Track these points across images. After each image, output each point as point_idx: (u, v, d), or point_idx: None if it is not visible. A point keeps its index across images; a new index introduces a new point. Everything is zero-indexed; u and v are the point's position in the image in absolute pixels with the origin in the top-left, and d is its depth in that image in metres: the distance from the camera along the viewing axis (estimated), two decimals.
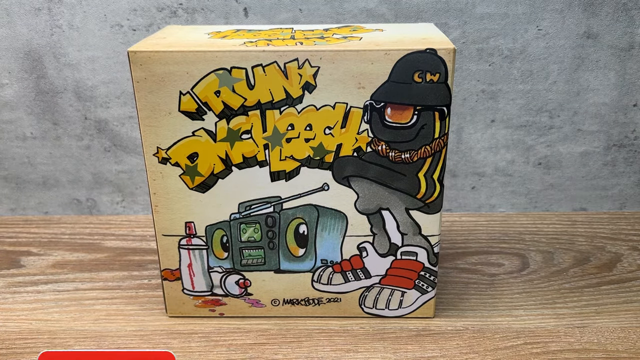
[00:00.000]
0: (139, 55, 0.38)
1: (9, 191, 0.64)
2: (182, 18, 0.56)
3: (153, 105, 0.40)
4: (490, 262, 0.55)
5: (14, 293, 0.51)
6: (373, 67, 0.38)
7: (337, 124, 0.40)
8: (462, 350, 0.43)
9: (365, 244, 0.44)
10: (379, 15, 0.56)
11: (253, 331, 0.46)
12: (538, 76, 0.58)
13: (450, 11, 0.55)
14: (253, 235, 0.44)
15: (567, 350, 0.43)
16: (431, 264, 0.45)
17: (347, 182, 0.42)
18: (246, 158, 0.41)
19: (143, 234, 0.60)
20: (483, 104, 0.59)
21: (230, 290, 0.46)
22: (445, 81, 0.38)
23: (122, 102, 0.59)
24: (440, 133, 0.40)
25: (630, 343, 0.44)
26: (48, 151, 0.62)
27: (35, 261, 0.56)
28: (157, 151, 0.41)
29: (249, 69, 0.39)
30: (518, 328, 0.46)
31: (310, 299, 0.47)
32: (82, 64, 0.58)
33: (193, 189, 0.43)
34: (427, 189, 0.42)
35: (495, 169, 0.62)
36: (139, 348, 0.43)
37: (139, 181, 0.63)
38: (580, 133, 0.60)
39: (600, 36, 0.56)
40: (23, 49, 0.57)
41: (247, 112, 0.40)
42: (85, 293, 0.51)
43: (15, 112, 0.60)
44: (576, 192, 0.63)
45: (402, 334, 0.45)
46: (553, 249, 0.57)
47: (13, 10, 0.56)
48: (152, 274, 0.53)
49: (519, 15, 0.55)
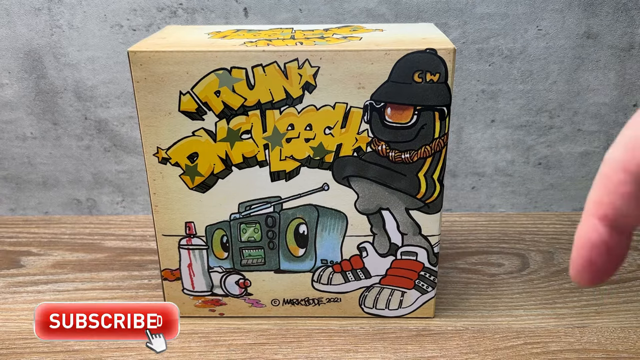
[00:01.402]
0: (139, 55, 0.38)
1: (9, 191, 0.64)
2: (182, 18, 0.56)
3: (153, 105, 0.40)
4: (490, 262, 0.55)
5: (14, 293, 0.51)
6: (373, 67, 0.38)
7: (337, 124, 0.40)
8: (462, 350, 0.43)
9: (365, 244, 0.44)
10: (379, 15, 0.56)
11: (253, 331, 0.46)
12: (538, 76, 0.58)
13: (450, 11, 0.55)
14: (253, 235, 0.44)
15: (567, 350, 0.43)
16: (431, 264, 0.45)
17: (347, 182, 0.42)
18: (246, 158, 0.41)
19: (143, 234, 0.60)
20: (483, 104, 0.59)
21: (230, 290, 0.46)
22: (445, 81, 0.38)
23: (122, 102, 0.59)
24: (440, 133, 0.40)
25: (630, 343, 0.44)
26: (48, 151, 0.62)
27: (35, 261, 0.56)
28: (157, 151, 0.41)
29: (249, 69, 0.39)
30: (518, 328, 0.46)
31: (310, 299, 0.47)
32: (82, 64, 0.58)
33: (193, 189, 0.43)
34: (427, 189, 0.42)
35: (495, 169, 0.62)
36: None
37: (139, 181, 0.63)
38: (580, 133, 0.60)
39: (600, 36, 0.56)
40: (23, 49, 0.57)
41: (247, 112, 0.40)
42: (85, 293, 0.51)
43: (15, 112, 0.60)
44: (576, 192, 0.63)
45: (402, 334, 0.45)
46: (553, 249, 0.57)
47: (13, 10, 0.56)
48: (152, 274, 0.53)
49: (519, 15, 0.55)
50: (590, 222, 0.19)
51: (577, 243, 0.20)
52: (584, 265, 0.19)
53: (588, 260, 0.19)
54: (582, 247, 0.19)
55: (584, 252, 0.19)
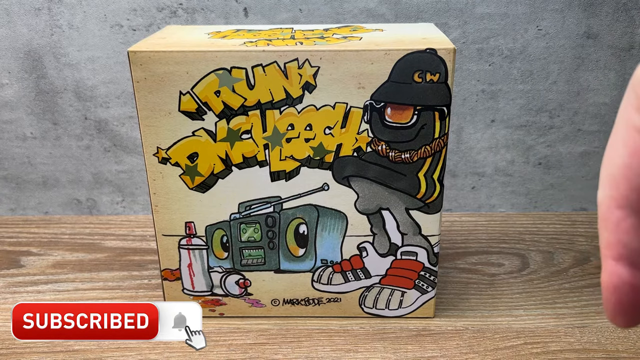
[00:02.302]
0: (139, 55, 0.38)
1: (9, 191, 0.64)
2: (182, 18, 0.56)
3: (153, 105, 0.40)
4: (490, 262, 0.55)
5: (14, 293, 0.51)
6: (373, 67, 0.38)
7: (337, 124, 0.40)
8: (462, 350, 0.43)
9: (365, 244, 0.44)
10: (379, 15, 0.56)
11: (253, 331, 0.46)
12: (538, 76, 0.58)
13: (450, 11, 0.55)
14: (253, 235, 0.44)
15: (567, 350, 0.43)
16: (431, 264, 0.45)
17: (347, 182, 0.42)
18: (246, 158, 0.41)
19: (143, 234, 0.60)
20: (483, 104, 0.59)
21: (230, 290, 0.46)
22: (445, 81, 0.38)
23: (122, 102, 0.59)
24: (440, 133, 0.40)
25: (630, 343, 0.44)
26: (48, 151, 0.62)
27: (35, 261, 0.56)
28: (157, 151, 0.41)
29: (249, 69, 0.39)
30: (518, 328, 0.46)
31: (310, 299, 0.47)
32: (82, 64, 0.58)
33: (193, 189, 0.43)
34: (427, 189, 0.42)
35: (495, 169, 0.62)
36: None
37: (139, 181, 0.63)
38: (580, 133, 0.60)
39: (600, 36, 0.56)
40: (23, 49, 0.57)
41: (247, 112, 0.40)
42: (85, 293, 0.51)
43: (15, 112, 0.60)
44: (576, 192, 0.63)
45: (402, 334, 0.45)
46: (553, 249, 0.57)
47: (13, 10, 0.56)
48: (152, 274, 0.53)
49: (519, 15, 0.55)
50: (609, 265, 0.19)
51: (603, 288, 0.19)
52: (615, 309, 0.19)
53: (618, 304, 0.19)
54: (607, 291, 0.19)
55: (611, 296, 0.19)
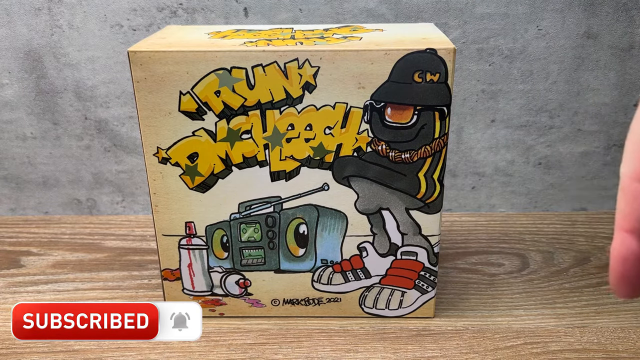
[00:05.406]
0: (139, 55, 0.38)
1: (9, 191, 0.64)
2: (182, 18, 0.56)
3: (153, 105, 0.40)
4: (490, 262, 0.55)
5: (14, 293, 0.51)
6: (373, 67, 0.38)
7: (337, 124, 0.40)
8: (462, 350, 0.43)
9: (365, 244, 0.44)
10: (379, 15, 0.56)
11: (253, 331, 0.46)
12: (538, 76, 0.58)
13: (450, 11, 0.55)
14: (253, 235, 0.44)
15: (567, 350, 0.43)
16: (431, 264, 0.45)
17: (347, 182, 0.42)
18: (246, 158, 0.41)
19: (143, 234, 0.60)
20: (483, 104, 0.59)
21: (230, 290, 0.46)
22: (445, 81, 0.38)
23: (122, 102, 0.59)
24: (440, 133, 0.40)
25: (630, 343, 0.44)
26: (48, 151, 0.62)
27: (35, 261, 0.56)
28: (157, 151, 0.41)
29: (249, 69, 0.39)
30: (518, 328, 0.46)
31: (310, 299, 0.47)
32: (82, 64, 0.58)
33: (193, 189, 0.43)
34: (427, 189, 0.42)
35: (495, 169, 0.62)
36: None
37: (139, 181, 0.63)
38: (580, 133, 0.60)
39: (600, 36, 0.56)
40: (23, 49, 0.57)
41: (247, 112, 0.40)
42: (85, 293, 0.51)
43: (15, 112, 0.60)
44: (576, 192, 0.63)
45: (402, 334, 0.45)
46: (553, 249, 0.57)
47: (13, 10, 0.56)
48: (152, 274, 0.53)
49: (519, 15, 0.55)
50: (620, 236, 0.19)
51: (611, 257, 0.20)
52: (619, 278, 0.20)
53: (622, 274, 0.20)
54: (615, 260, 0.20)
55: (617, 265, 0.20)
